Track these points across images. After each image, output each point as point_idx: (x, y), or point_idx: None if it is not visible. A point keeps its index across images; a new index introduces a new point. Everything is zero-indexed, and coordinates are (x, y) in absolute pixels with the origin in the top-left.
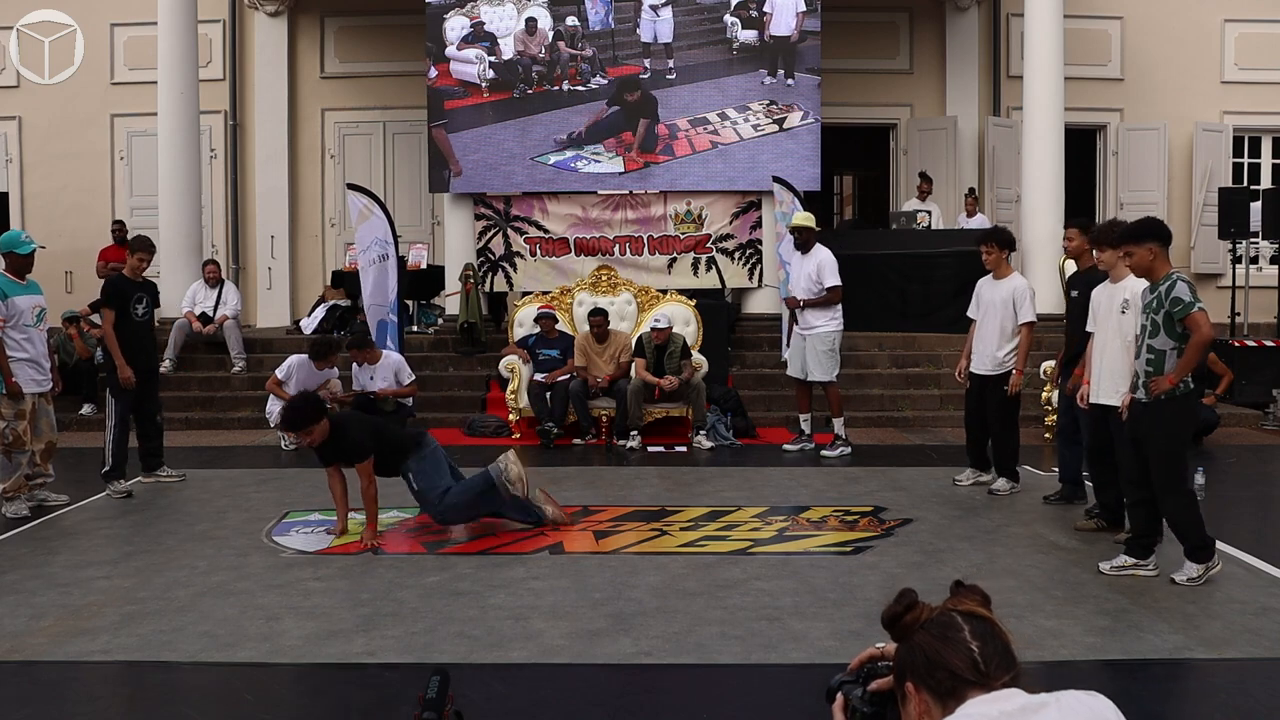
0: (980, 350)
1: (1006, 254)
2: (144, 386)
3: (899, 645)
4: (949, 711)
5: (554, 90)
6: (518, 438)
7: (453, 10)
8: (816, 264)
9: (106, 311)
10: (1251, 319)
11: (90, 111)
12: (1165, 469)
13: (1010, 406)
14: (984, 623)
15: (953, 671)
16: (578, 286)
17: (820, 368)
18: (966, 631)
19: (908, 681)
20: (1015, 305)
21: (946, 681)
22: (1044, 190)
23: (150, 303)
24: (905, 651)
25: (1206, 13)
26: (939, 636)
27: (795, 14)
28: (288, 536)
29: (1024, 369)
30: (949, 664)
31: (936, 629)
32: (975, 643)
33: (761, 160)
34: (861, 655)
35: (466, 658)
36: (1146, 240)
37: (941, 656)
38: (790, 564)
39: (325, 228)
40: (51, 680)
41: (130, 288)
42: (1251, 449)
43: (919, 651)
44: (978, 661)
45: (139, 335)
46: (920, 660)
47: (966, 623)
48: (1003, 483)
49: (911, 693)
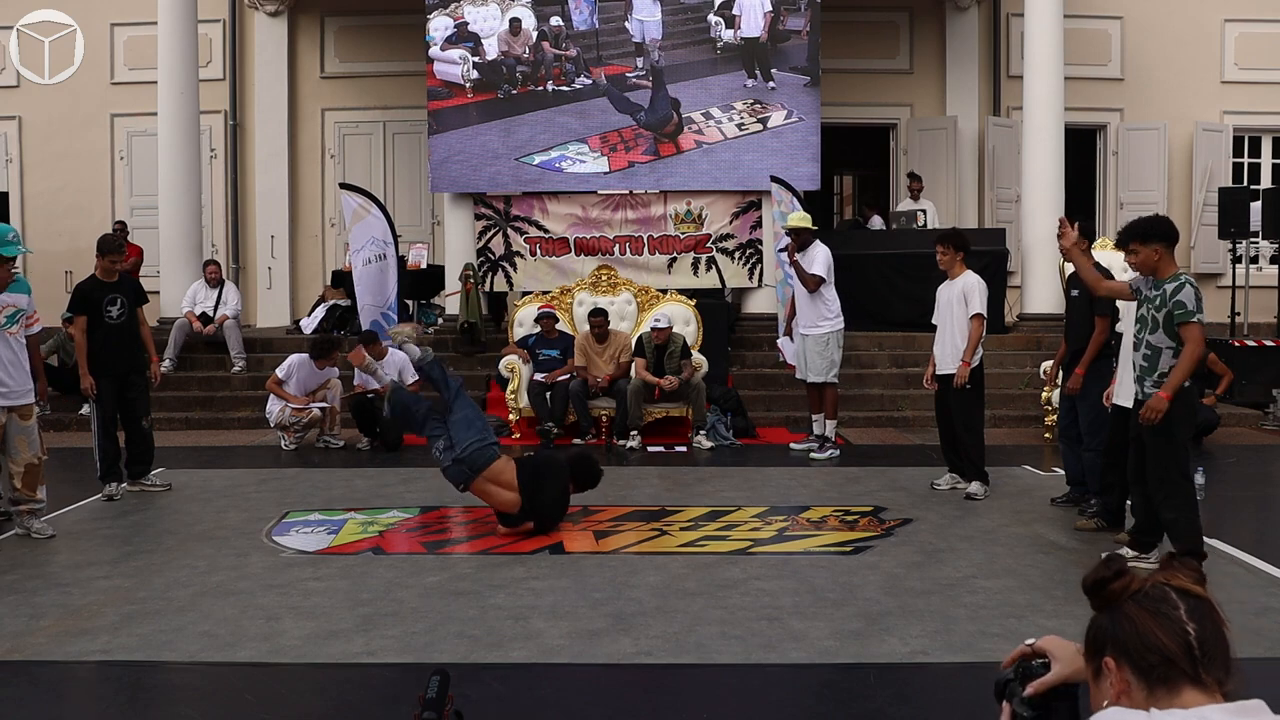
0: (940, 351)
1: (961, 255)
2: (126, 390)
3: (1098, 615)
4: (1156, 699)
5: (538, 90)
6: (518, 437)
7: (436, 10)
8: (811, 259)
9: (78, 318)
10: (1251, 319)
11: (90, 111)
12: (1164, 469)
13: (972, 407)
14: (1202, 603)
15: (1164, 654)
16: (578, 286)
17: (816, 368)
18: (1183, 610)
19: (1108, 655)
20: (965, 299)
21: (1158, 665)
22: (1044, 190)
23: (127, 303)
24: (1110, 622)
25: (1206, 13)
26: (1152, 611)
27: (762, 14)
28: (288, 536)
29: (970, 361)
30: (1160, 644)
31: (1149, 602)
32: (1192, 624)
33: (746, 160)
34: (1013, 653)
35: (466, 658)
36: (1153, 240)
37: (1154, 633)
38: (790, 564)
39: (325, 228)
40: (51, 680)
41: (100, 290)
42: (1251, 449)
43: (1128, 624)
44: (1192, 645)
45: (114, 338)
46: (1129, 634)
47: (1183, 600)
48: (976, 486)
49: (1111, 668)
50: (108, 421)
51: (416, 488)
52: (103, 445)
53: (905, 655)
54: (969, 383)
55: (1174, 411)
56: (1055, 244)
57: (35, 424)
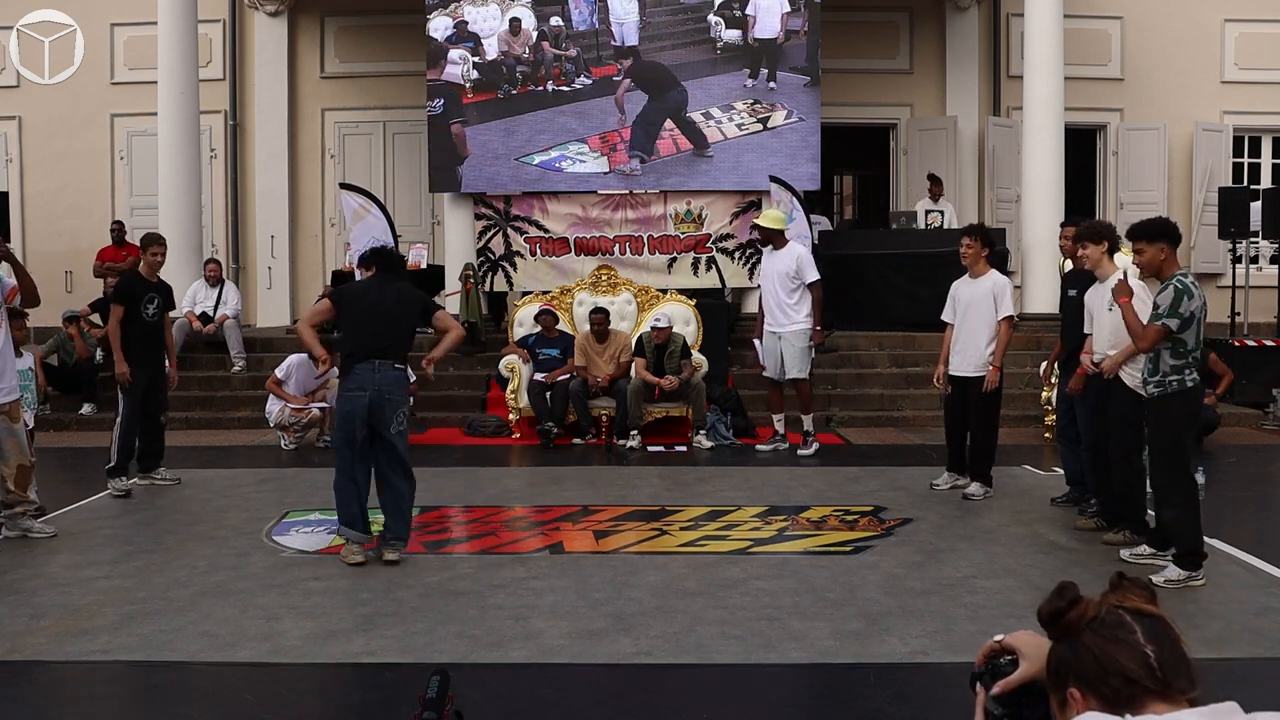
0: (962, 351)
1: (987, 251)
2: (150, 386)
3: (1057, 645)
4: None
5: (538, 90)
6: (518, 437)
7: (436, 10)
8: (794, 258)
9: (115, 307)
10: (1251, 319)
11: (90, 111)
12: (1160, 473)
13: (993, 406)
14: (1157, 622)
15: (1127, 677)
16: (578, 286)
17: (797, 365)
18: (1139, 633)
19: (1072, 687)
20: (995, 300)
21: (1122, 688)
22: (1044, 190)
23: (162, 304)
24: (1068, 653)
25: (1206, 13)
26: (1109, 638)
27: (780, 15)
28: (288, 536)
29: (1001, 365)
30: (1122, 668)
31: (1105, 629)
32: (1150, 646)
33: (746, 160)
34: (982, 649)
35: (466, 658)
36: (1159, 240)
37: (1114, 660)
38: (790, 564)
39: (325, 228)
40: (51, 680)
41: (143, 287)
42: (1251, 449)
43: (1086, 654)
44: (1154, 667)
45: (147, 335)
46: (1089, 664)
47: (1138, 622)
48: (976, 487)
49: (1077, 698)
50: (135, 415)
51: (416, 488)
52: (124, 438)
53: (905, 655)
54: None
55: (1179, 411)
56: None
57: (23, 426)
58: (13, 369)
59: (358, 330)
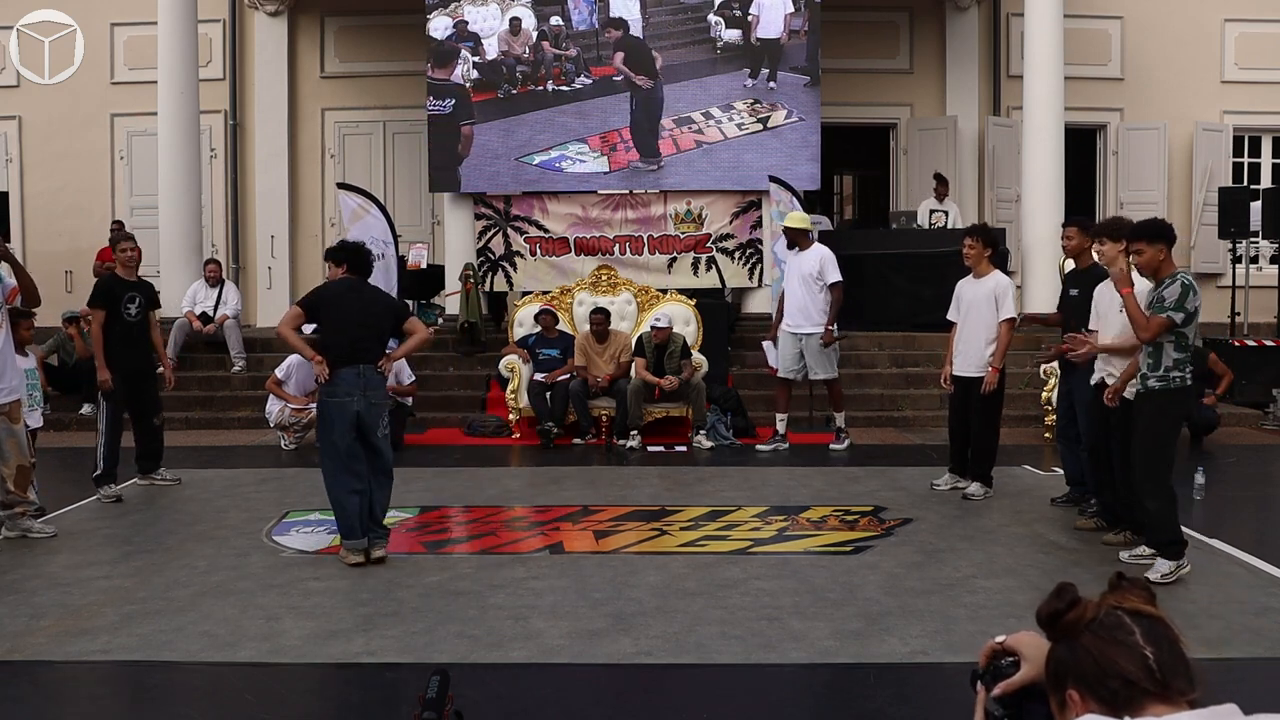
0: (964, 351)
1: (989, 252)
2: (137, 388)
3: (1056, 646)
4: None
5: (538, 90)
6: (518, 437)
7: (436, 10)
8: (819, 259)
9: (96, 311)
10: (1251, 319)
11: (90, 111)
12: (1148, 465)
13: (994, 407)
14: (1156, 623)
15: (1126, 678)
16: (578, 286)
17: (822, 366)
18: (1139, 634)
19: (1071, 689)
20: (997, 302)
21: (1121, 690)
22: (1044, 190)
23: (145, 303)
24: (1067, 655)
25: (1206, 13)
26: (1108, 639)
27: (783, 15)
28: (288, 536)
29: (1001, 367)
30: (1121, 670)
31: (1104, 630)
32: (1149, 647)
33: (746, 160)
34: (984, 650)
35: (466, 658)
36: (1159, 240)
37: (1113, 662)
38: (790, 564)
39: (325, 228)
40: (51, 680)
41: (122, 288)
42: (1251, 449)
43: (1087, 655)
44: (1153, 669)
45: (130, 336)
46: (1088, 665)
47: (1137, 624)
48: (976, 487)
49: (1076, 700)
50: (118, 420)
51: (416, 488)
52: (108, 443)
53: (905, 655)
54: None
55: (1177, 406)
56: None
57: (23, 427)
58: (13, 369)
59: (339, 334)
